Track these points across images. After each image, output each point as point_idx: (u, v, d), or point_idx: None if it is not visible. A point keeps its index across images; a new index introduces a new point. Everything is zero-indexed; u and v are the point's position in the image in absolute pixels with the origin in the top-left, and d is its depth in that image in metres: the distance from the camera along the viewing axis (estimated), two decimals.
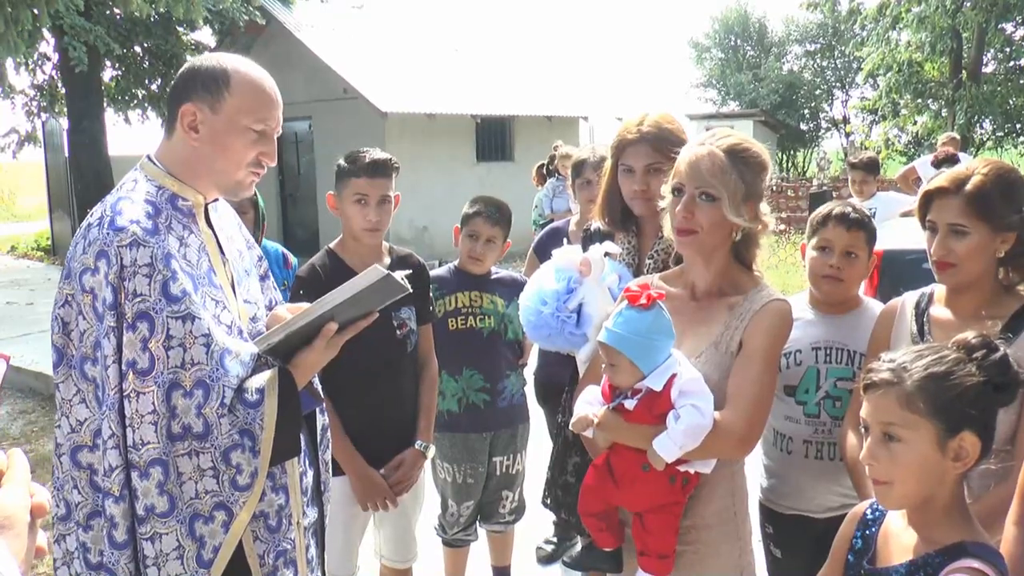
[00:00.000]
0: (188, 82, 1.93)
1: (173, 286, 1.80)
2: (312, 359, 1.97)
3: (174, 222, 1.90)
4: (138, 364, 1.77)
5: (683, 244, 2.09)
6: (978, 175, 2.17)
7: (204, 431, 1.81)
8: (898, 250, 4.73)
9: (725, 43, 37.70)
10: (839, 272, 2.59)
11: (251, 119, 1.93)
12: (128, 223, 1.80)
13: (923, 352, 1.68)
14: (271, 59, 16.32)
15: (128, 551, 1.81)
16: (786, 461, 2.63)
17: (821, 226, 2.64)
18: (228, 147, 1.93)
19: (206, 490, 1.82)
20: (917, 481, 1.64)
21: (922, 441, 1.61)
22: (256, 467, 1.85)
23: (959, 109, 20.02)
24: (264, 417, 1.85)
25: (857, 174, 6.50)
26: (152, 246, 1.80)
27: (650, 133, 2.46)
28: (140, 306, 1.77)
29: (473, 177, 16.35)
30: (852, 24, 25.34)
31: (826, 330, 2.60)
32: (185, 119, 1.92)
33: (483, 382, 3.43)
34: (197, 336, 1.81)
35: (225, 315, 1.94)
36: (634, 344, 1.94)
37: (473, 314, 3.43)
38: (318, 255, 3.07)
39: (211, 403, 1.81)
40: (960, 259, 2.18)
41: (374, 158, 2.91)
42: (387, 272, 1.89)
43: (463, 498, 3.51)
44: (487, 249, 3.43)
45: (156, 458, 1.78)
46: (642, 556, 2.07)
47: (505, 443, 3.52)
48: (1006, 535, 1.79)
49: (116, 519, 1.80)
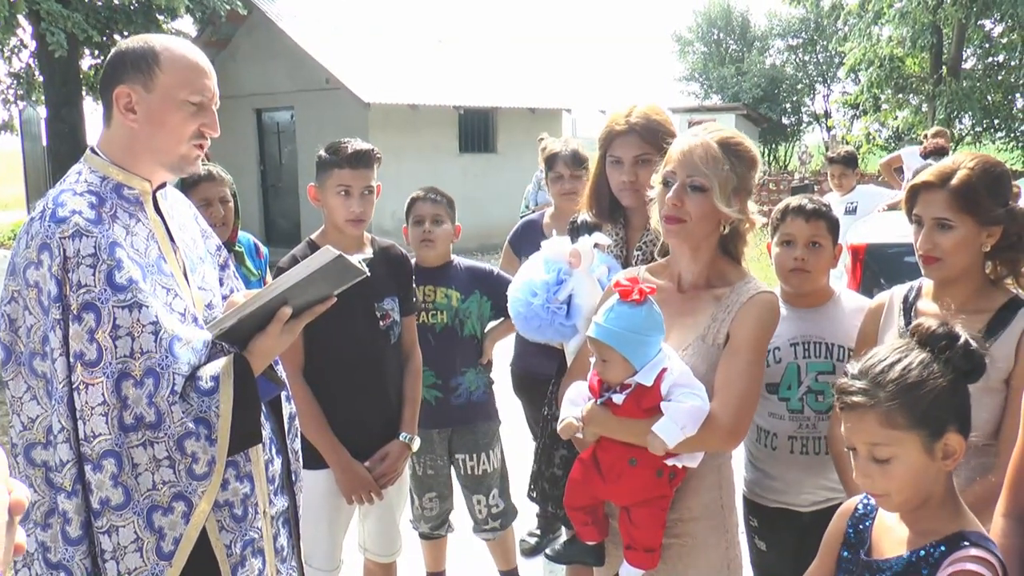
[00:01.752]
0: (118, 65, 1.93)
1: (119, 275, 1.78)
2: (268, 344, 1.95)
3: (119, 211, 1.89)
4: (86, 355, 1.75)
5: (670, 232, 2.08)
6: (964, 169, 2.17)
7: (156, 420, 1.79)
8: (881, 243, 4.76)
9: (708, 37, 37.83)
10: (805, 263, 2.60)
11: (186, 92, 1.92)
12: (70, 214, 1.79)
13: (890, 360, 1.64)
14: (253, 49, 16.24)
15: (83, 547, 1.79)
16: (771, 457, 2.63)
17: (781, 221, 2.66)
18: (167, 123, 1.92)
19: (163, 481, 1.80)
20: (913, 488, 1.63)
21: (910, 452, 1.60)
22: (213, 455, 1.83)
23: (939, 104, 20.16)
24: (220, 404, 1.83)
25: (836, 168, 6.55)
26: (96, 236, 1.78)
27: (639, 124, 2.45)
28: (85, 297, 1.76)
29: (456, 168, 16.32)
30: (834, 19, 25.48)
31: (802, 325, 2.60)
32: (120, 101, 1.91)
33: (434, 379, 3.37)
34: (145, 324, 1.79)
35: (177, 303, 1.92)
36: (627, 340, 1.92)
37: (425, 309, 3.38)
38: (299, 246, 3.04)
39: (161, 391, 1.79)
40: (945, 253, 2.18)
41: (356, 148, 2.88)
42: (339, 253, 1.88)
43: (424, 490, 3.50)
44: (435, 228, 3.38)
45: (108, 450, 1.76)
46: (628, 550, 2.06)
47: (464, 440, 3.47)
48: (995, 527, 1.80)
49: (69, 515, 1.78)
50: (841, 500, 2.56)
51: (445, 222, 3.41)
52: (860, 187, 6.69)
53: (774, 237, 2.69)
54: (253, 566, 1.99)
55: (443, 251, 3.44)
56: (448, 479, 3.54)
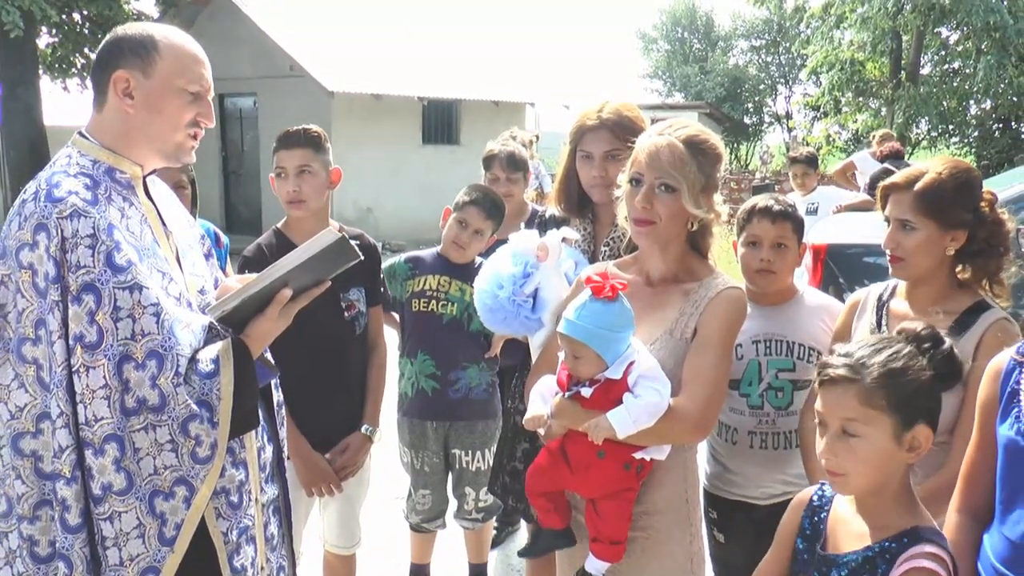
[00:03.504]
0: (115, 50, 1.91)
1: (118, 256, 1.76)
2: (265, 327, 1.95)
3: (113, 194, 1.86)
4: (86, 338, 1.72)
5: (640, 235, 2.09)
6: (931, 173, 2.23)
7: (160, 403, 1.76)
8: (841, 243, 4.83)
9: (672, 35, 38.02)
10: (771, 265, 2.63)
11: (185, 80, 1.92)
12: (66, 194, 1.76)
13: (878, 346, 1.72)
14: (216, 33, 15.98)
15: (83, 534, 1.77)
16: (731, 451, 2.66)
17: (747, 222, 2.68)
18: (164, 110, 1.91)
19: (165, 465, 1.78)
20: (873, 472, 1.68)
21: (880, 435, 1.66)
22: (215, 438, 1.82)
23: (898, 109, 20.48)
24: (221, 387, 1.82)
25: (798, 167, 6.63)
26: (94, 216, 1.76)
27: (610, 120, 2.47)
28: (85, 278, 1.73)
29: (419, 159, 16.26)
30: (797, 22, 25.76)
31: (764, 323, 2.64)
32: (118, 86, 1.89)
33: (433, 368, 3.36)
34: (146, 306, 1.77)
35: (173, 287, 1.90)
36: (599, 337, 1.93)
37: (436, 299, 3.36)
38: (265, 235, 3.02)
39: (166, 373, 1.76)
40: (908, 253, 2.25)
41: (289, 129, 2.89)
42: (341, 235, 1.88)
43: (420, 485, 3.49)
44: (473, 239, 3.35)
45: (111, 434, 1.74)
46: (594, 542, 2.07)
47: (462, 436, 3.44)
48: (948, 522, 1.85)
49: (68, 502, 1.75)
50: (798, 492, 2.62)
51: (485, 236, 3.38)
52: (821, 188, 6.79)
53: (740, 237, 2.72)
54: (247, 553, 1.98)
55: (470, 258, 3.41)
56: (443, 477, 3.52)
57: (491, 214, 3.36)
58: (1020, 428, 1.68)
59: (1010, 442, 1.70)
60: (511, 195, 3.88)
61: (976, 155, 22.47)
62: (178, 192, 3.24)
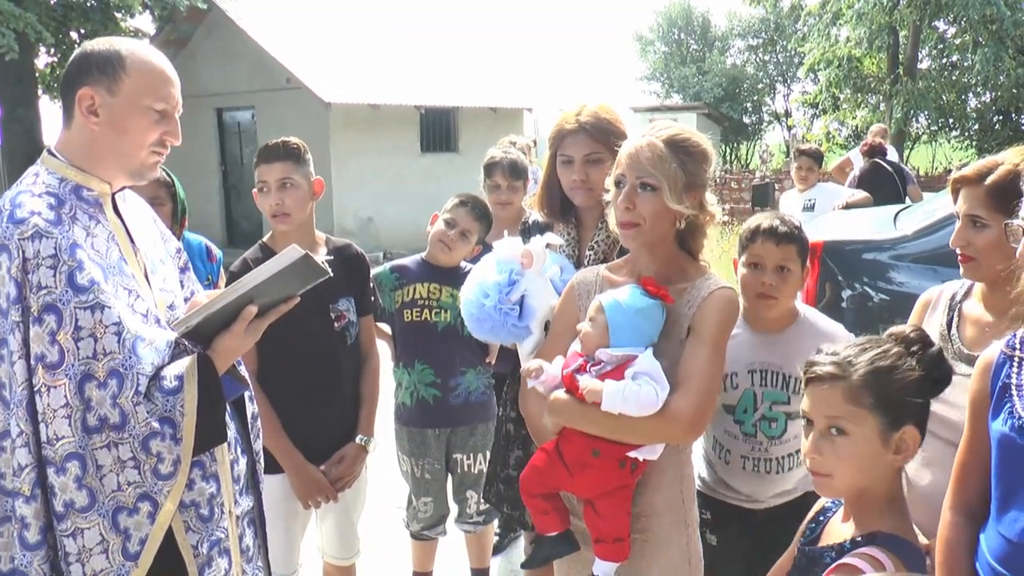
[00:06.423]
0: (82, 67, 1.90)
1: (80, 276, 1.76)
2: (232, 344, 1.94)
3: (79, 212, 1.86)
4: (47, 358, 1.73)
5: (627, 237, 2.09)
6: (1006, 165, 2.04)
7: (121, 421, 1.77)
8: (838, 241, 4.80)
9: (669, 37, 38.12)
10: (772, 290, 2.50)
11: (151, 99, 1.91)
12: (28, 215, 1.76)
13: (866, 346, 1.70)
14: (213, 48, 16.05)
15: (41, 552, 1.77)
16: (726, 468, 2.63)
17: (750, 242, 2.54)
18: (129, 129, 1.91)
19: (128, 481, 1.79)
20: (858, 473, 1.67)
21: (866, 434, 1.64)
22: (178, 455, 1.82)
23: (896, 104, 20.47)
24: (184, 403, 1.82)
25: (804, 161, 6.60)
26: (56, 236, 1.76)
27: (588, 123, 2.45)
28: (46, 298, 1.73)
29: (418, 168, 16.25)
30: (794, 20, 25.82)
31: (761, 351, 2.55)
32: (83, 103, 1.88)
33: (433, 377, 3.35)
34: (108, 325, 1.77)
35: (139, 304, 1.91)
36: (618, 311, 1.99)
37: (429, 307, 3.35)
38: (251, 249, 3.02)
39: (126, 392, 1.77)
40: (979, 252, 2.07)
41: (268, 143, 2.88)
42: (305, 252, 1.88)
43: (421, 493, 3.47)
44: (459, 240, 3.34)
45: (72, 452, 1.74)
46: (598, 544, 2.06)
47: (463, 440, 3.44)
48: (942, 521, 1.83)
49: (27, 519, 1.76)
50: (794, 497, 2.59)
51: (471, 239, 3.37)
52: (820, 184, 6.77)
53: (741, 256, 2.59)
54: (219, 566, 1.98)
55: (455, 260, 3.40)
56: (444, 484, 3.51)
57: (479, 217, 3.36)
58: (1014, 423, 1.64)
59: (1004, 438, 1.66)
60: (511, 203, 3.90)
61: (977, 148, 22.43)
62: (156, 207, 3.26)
